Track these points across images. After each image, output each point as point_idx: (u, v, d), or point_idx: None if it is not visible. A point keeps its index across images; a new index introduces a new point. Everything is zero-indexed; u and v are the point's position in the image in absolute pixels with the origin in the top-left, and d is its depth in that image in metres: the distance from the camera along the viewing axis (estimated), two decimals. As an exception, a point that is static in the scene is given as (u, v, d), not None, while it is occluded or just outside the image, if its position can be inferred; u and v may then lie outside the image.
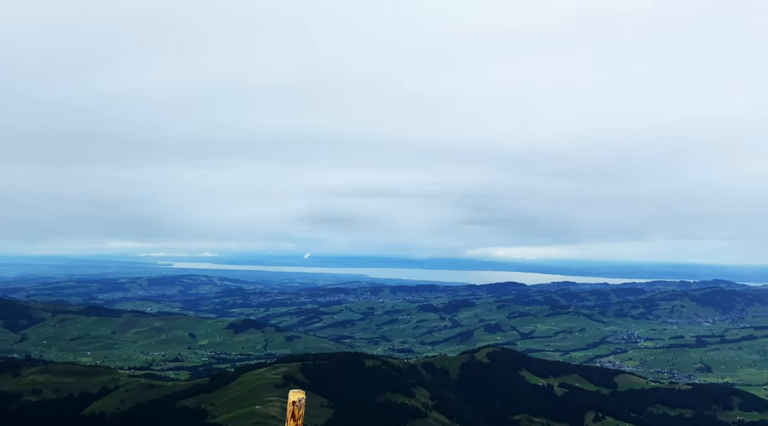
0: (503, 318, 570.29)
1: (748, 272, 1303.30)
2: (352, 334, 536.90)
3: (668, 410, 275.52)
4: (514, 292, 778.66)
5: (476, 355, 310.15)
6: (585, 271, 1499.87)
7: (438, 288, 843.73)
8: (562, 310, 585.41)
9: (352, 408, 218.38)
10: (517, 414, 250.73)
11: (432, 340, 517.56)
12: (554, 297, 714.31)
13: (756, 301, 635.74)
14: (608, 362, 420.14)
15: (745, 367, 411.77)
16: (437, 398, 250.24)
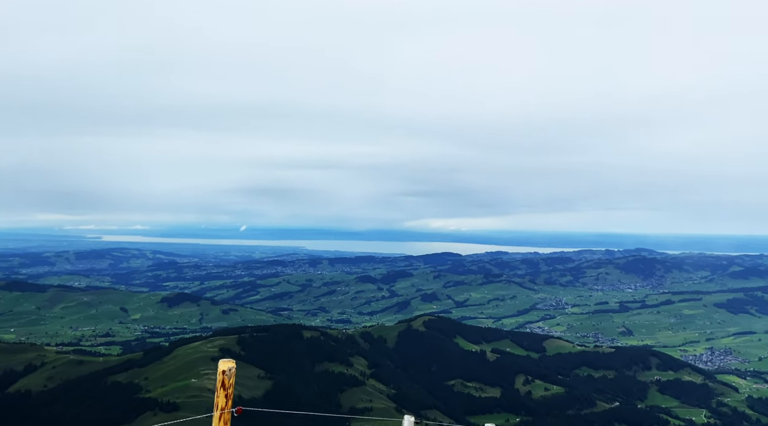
0: (439, 287, 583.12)
1: (668, 241, 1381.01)
2: (290, 306, 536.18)
3: (593, 372, 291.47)
4: (449, 262, 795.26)
5: (413, 323, 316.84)
6: (517, 241, 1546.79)
7: (376, 259, 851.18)
8: (495, 279, 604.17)
9: (290, 379, 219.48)
10: (451, 379, 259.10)
11: (370, 310, 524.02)
12: (488, 266, 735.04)
13: (674, 268, 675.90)
14: (538, 328, 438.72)
15: (663, 330, 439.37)
16: (375, 366, 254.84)
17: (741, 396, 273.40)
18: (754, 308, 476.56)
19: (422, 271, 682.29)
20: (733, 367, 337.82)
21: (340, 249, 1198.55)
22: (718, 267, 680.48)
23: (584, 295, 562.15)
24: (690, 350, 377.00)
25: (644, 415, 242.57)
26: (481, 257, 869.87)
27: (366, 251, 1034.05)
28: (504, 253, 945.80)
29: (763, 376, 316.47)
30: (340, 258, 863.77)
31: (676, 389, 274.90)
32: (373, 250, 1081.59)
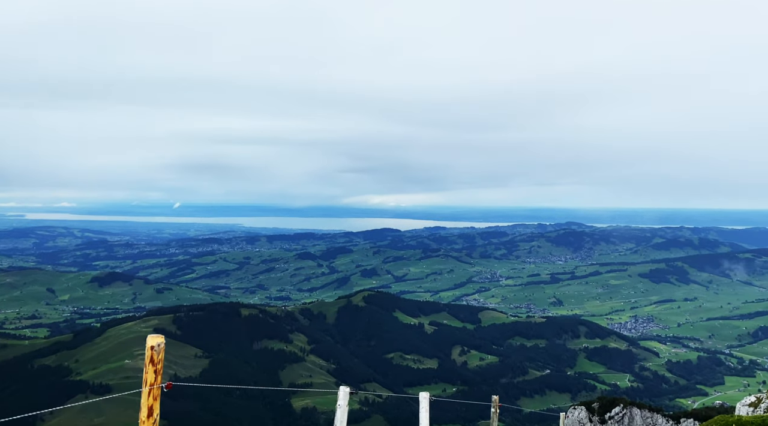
0: (379, 263, 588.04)
1: (597, 214, 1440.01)
2: (228, 284, 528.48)
3: (525, 341, 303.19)
4: (389, 237, 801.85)
5: (353, 299, 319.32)
6: (455, 216, 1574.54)
7: (316, 236, 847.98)
8: (433, 254, 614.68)
9: (228, 357, 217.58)
10: (390, 353, 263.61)
11: (310, 286, 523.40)
12: (426, 241, 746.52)
13: (602, 241, 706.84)
14: (474, 300, 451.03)
15: (591, 300, 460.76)
16: (315, 342, 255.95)
17: (661, 360, 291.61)
18: (674, 278, 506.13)
19: (362, 247, 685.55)
20: (654, 333, 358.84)
21: (278, 226, 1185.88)
22: (642, 239, 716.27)
23: (518, 268, 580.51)
24: (616, 318, 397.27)
25: (573, 381, 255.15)
26: (420, 233, 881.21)
27: (305, 228, 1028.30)
28: (442, 229, 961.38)
29: (681, 341, 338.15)
30: (279, 235, 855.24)
31: (603, 356, 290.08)
32: (312, 227, 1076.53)
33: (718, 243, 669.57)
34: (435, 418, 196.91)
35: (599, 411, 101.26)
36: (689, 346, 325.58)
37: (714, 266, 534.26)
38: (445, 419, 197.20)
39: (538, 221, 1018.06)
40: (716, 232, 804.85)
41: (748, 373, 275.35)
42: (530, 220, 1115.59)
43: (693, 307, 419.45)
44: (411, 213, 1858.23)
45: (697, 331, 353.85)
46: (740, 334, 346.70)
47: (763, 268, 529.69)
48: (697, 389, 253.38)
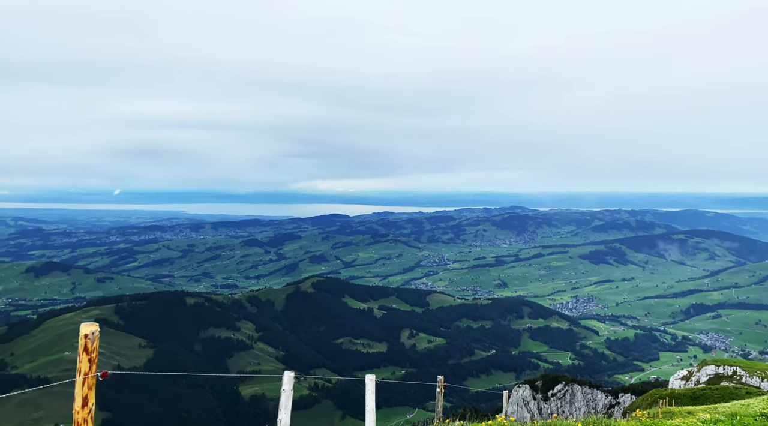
0: (328, 249, 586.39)
1: (540, 198, 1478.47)
2: (172, 272, 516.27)
3: (472, 323, 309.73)
4: (338, 223, 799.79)
5: (301, 285, 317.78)
6: (403, 201, 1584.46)
7: (262, 222, 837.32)
8: (382, 239, 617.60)
9: (173, 346, 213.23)
10: (339, 338, 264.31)
11: (257, 273, 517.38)
12: (375, 226, 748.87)
13: (545, 224, 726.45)
14: (422, 284, 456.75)
15: (534, 281, 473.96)
16: (263, 330, 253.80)
17: (601, 338, 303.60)
18: (613, 259, 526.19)
19: (310, 233, 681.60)
20: (594, 312, 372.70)
21: (224, 213, 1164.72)
22: (582, 222, 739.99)
23: (464, 251, 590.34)
24: (558, 299, 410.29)
25: (518, 361, 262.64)
26: (369, 218, 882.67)
27: (252, 214, 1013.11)
28: (390, 214, 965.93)
29: (619, 319, 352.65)
30: (225, 222, 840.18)
31: (546, 335, 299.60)
32: (259, 213, 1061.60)
33: (653, 225, 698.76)
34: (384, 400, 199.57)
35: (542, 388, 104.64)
36: (627, 324, 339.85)
37: (650, 247, 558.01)
38: (395, 402, 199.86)
39: (484, 206, 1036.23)
40: (652, 215, 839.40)
41: (680, 349, 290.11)
42: (476, 204, 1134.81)
43: (630, 286, 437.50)
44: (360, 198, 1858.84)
45: (634, 310, 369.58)
46: (674, 311, 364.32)
47: (695, 248, 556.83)
48: (634, 365, 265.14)
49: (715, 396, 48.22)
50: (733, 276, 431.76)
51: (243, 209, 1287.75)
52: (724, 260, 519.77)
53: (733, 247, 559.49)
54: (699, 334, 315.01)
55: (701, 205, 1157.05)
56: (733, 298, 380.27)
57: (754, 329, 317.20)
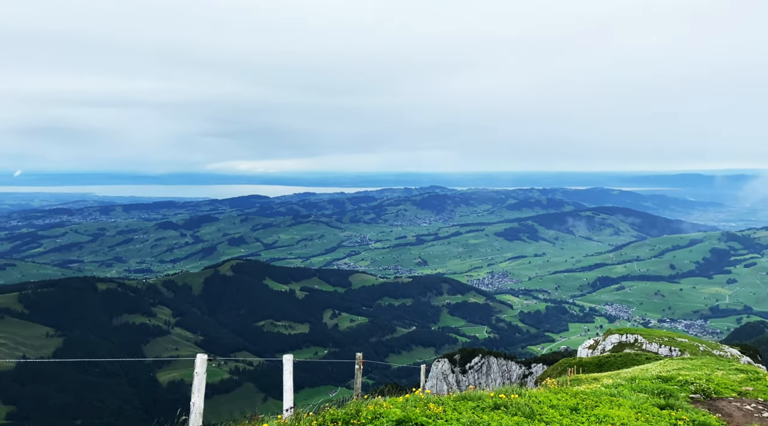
0: (247, 230, 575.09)
1: (458, 178, 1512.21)
2: (81, 257, 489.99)
3: (393, 301, 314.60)
4: (257, 204, 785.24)
5: (220, 268, 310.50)
6: (324, 181, 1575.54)
7: (177, 204, 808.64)
8: (304, 220, 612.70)
9: (84, 335, 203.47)
10: (261, 320, 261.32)
11: (173, 257, 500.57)
12: (296, 207, 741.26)
13: (462, 203, 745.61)
14: (344, 264, 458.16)
15: (453, 258, 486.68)
16: (180, 315, 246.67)
17: (515, 312, 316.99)
18: (526, 235, 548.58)
19: (228, 214, 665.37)
20: (508, 287, 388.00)
21: (135, 194, 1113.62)
22: (497, 200, 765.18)
23: (386, 231, 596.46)
24: (475, 275, 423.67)
25: (437, 336, 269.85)
26: (290, 199, 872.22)
27: (166, 196, 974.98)
28: (312, 194, 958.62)
29: (532, 293, 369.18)
30: (137, 204, 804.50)
31: (463, 310, 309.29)
32: (173, 195, 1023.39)
33: (563, 203, 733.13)
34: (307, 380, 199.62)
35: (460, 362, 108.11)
36: (539, 297, 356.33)
37: (560, 224, 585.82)
38: (317, 382, 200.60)
39: (404, 186, 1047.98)
40: (562, 193, 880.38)
41: (588, 319, 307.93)
42: (397, 184, 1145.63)
43: (542, 261, 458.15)
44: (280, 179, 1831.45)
45: (546, 284, 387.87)
46: (582, 284, 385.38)
47: (601, 224, 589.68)
48: (545, 336, 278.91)
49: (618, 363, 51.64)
50: (635, 250, 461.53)
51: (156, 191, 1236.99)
52: (627, 235, 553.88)
53: (636, 222, 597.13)
54: (604, 305, 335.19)
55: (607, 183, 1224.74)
56: (635, 270, 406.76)
57: (654, 299, 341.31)
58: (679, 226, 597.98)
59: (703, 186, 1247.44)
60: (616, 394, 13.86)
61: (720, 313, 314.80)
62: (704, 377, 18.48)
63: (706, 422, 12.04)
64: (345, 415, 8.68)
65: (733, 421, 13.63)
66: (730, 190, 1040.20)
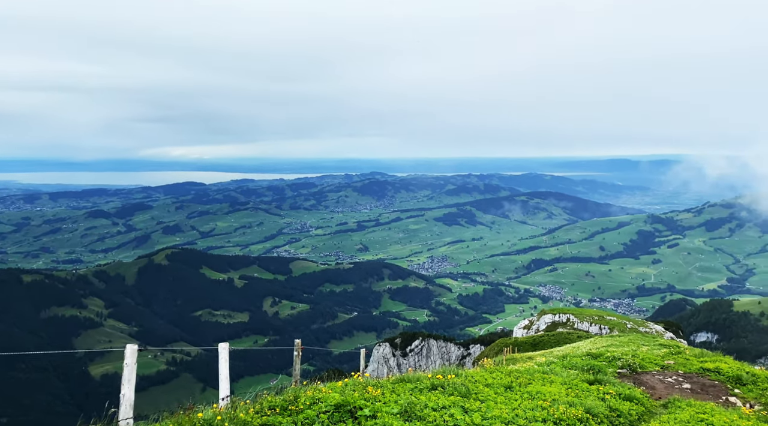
0: (183, 218, 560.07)
1: (398, 164, 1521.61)
2: (4, 248, 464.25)
3: (335, 287, 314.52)
4: (193, 191, 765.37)
5: (154, 258, 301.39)
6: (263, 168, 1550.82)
7: (108, 192, 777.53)
8: (242, 207, 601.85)
9: (8, 328, 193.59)
10: (198, 310, 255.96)
11: (104, 247, 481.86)
12: (234, 194, 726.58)
13: (403, 189, 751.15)
14: (285, 251, 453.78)
15: (394, 244, 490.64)
16: (113, 306, 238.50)
17: (454, 295, 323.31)
18: (464, 220, 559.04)
19: (163, 202, 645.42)
20: (448, 271, 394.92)
21: (63, 182, 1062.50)
22: (437, 186, 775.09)
23: (326, 218, 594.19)
24: (415, 260, 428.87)
25: (379, 321, 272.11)
26: (227, 185, 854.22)
27: (96, 183, 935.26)
28: (250, 181, 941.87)
29: (470, 276, 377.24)
30: (64, 192, 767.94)
31: (404, 295, 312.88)
32: (104, 182, 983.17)
33: (499, 188, 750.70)
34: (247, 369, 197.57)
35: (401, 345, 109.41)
36: (476, 280, 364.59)
37: (496, 208, 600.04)
38: (258, 370, 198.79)
39: (345, 172, 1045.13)
40: (498, 178, 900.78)
41: (523, 301, 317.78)
42: (338, 170, 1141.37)
43: (479, 245, 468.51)
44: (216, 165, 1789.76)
45: (483, 267, 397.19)
46: (517, 267, 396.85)
47: (535, 208, 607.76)
48: (483, 318, 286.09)
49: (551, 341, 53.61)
50: (567, 233, 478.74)
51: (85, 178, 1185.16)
52: (560, 219, 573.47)
53: (568, 206, 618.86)
54: (539, 287, 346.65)
55: (540, 168, 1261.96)
56: (567, 252, 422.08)
57: (585, 280, 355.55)
58: (608, 209, 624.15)
59: (630, 171, 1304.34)
60: (549, 371, 14.37)
61: (646, 291, 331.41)
62: (630, 353, 19.41)
63: (631, 395, 12.66)
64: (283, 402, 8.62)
65: (656, 393, 14.39)
66: (655, 175, 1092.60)
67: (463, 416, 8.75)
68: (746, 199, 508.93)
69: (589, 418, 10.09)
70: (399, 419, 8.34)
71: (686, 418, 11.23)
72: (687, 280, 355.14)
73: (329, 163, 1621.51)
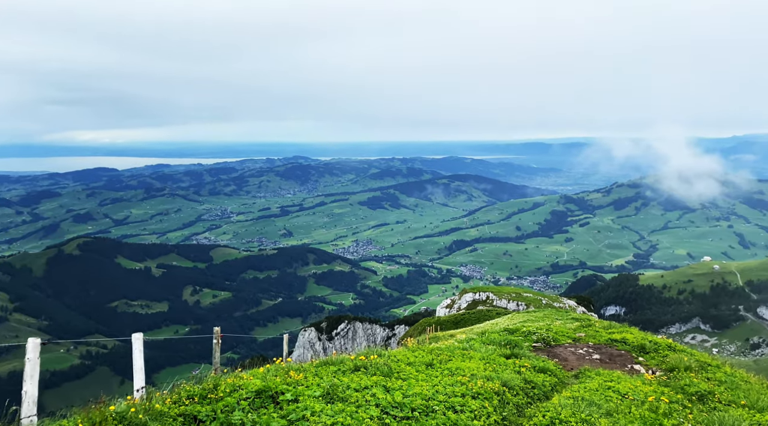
0: (94, 206, 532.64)
1: (321, 148, 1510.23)
2: None
3: (258, 274, 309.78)
4: (105, 178, 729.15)
5: (65, 248, 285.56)
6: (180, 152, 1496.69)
7: (11, 178, 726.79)
8: (158, 193, 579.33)
9: None
10: (114, 301, 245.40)
11: (8, 237, 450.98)
12: (149, 180, 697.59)
13: (327, 173, 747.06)
14: (204, 239, 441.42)
15: (319, 228, 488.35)
16: (19, 299, 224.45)
17: (379, 277, 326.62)
18: (388, 204, 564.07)
19: (72, 189, 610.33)
20: (372, 254, 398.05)
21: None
22: (361, 170, 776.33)
23: (248, 203, 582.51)
24: (340, 244, 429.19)
25: (304, 306, 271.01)
26: (141, 171, 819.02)
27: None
28: (166, 166, 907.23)
29: (394, 259, 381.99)
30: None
31: (330, 279, 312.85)
32: (5, 169, 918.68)
33: (422, 171, 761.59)
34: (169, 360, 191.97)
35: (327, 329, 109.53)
36: (401, 262, 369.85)
37: (419, 191, 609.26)
38: (179, 360, 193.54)
39: (267, 156, 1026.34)
40: (420, 162, 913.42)
41: (445, 281, 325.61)
42: (259, 154, 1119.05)
43: (403, 228, 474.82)
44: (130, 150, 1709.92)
45: (407, 249, 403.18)
46: (439, 248, 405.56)
47: (456, 191, 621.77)
48: (408, 299, 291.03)
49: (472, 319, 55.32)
50: (486, 214, 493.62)
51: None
52: (479, 200, 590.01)
53: (487, 188, 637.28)
54: (460, 267, 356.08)
55: (461, 152, 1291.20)
56: (486, 233, 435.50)
57: (503, 259, 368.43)
58: (524, 191, 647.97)
59: (544, 154, 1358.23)
60: (468, 347, 14.82)
61: (559, 269, 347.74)
62: (545, 327, 20.32)
63: (545, 367, 13.28)
64: (202, 391, 8.42)
65: (568, 365, 15.17)
66: (567, 157, 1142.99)
67: (385, 395, 8.88)
68: (650, 179, 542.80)
69: (505, 391, 10.50)
70: (321, 401, 8.35)
71: (595, 386, 11.90)
72: (597, 257, 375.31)
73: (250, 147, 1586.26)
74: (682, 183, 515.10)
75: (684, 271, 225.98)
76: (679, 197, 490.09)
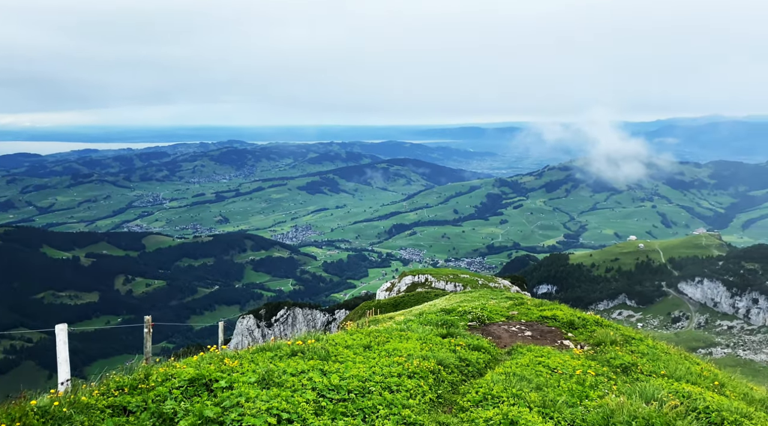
0: (16, 193, 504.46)
1: (258, 132, 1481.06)
2: None
3: (193, 261, 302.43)
4: (26, 163, 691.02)
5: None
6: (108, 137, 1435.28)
7: None
8: (85, 180, 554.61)
9: None
10: (39, 292, 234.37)
11: None
12: (75, 166, 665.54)
13: (264, 158, 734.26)
14: (136, 226, 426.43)
15: (256, 214, 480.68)
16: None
17: (319, 262, 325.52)
18: (327, 188, 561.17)
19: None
20: (312, 239, 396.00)
21: None
22: (299, 154, 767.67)
23: (182, 189, 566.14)
24: (279, 230, 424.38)
25: (242, 293, 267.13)
26: (67, 156, 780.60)
27: None
28: (93, 151, 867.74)
29: (334, 243, 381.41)
30: None
31: (268, 265, 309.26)
32: None
33: (361, 156, 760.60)
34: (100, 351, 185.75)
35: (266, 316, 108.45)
36: (341, 247, 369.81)
37: (359, 176, 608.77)
38: (111, 352, 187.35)
39: (200, 140, 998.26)
40: (360, 146, 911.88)
41: (385, 264, 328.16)
42: (193, 139, 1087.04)
43: (343, 213, 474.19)
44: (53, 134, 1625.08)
45: (347, 234, 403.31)
46: (379, 232, 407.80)
47: (395, 175, 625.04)
48: (348, 283, 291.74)
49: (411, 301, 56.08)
50: (425, 198, 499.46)
51: None
52: (418, 185, 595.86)
53: (425, 172, 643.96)
54: (399, 250, 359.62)
55: (400, 136, 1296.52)
56: (425, 216, 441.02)
57: (441, 242, 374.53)
58: (461, 174, 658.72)
59: (479, 138, 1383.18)
60: (406, 328, 15.03)
61: (495, 250, 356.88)
62: (480, 307, 20.84)
63: (479, 345, 13.64)
64: (132, 381, 8.16)
65: (501, 342, 15.64)
66: (501, 141, 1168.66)
67: (322, 378, 8.88)
68: (580, 162, 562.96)
69: (440, 369, 10.73)
70: (256, 387, 8.26)
71: (526, 362, 12.34)
72: (530, 238, 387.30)
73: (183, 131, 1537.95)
74: (610, 165, 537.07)
75: (611, 250, 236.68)
76: (606, 179, 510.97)
